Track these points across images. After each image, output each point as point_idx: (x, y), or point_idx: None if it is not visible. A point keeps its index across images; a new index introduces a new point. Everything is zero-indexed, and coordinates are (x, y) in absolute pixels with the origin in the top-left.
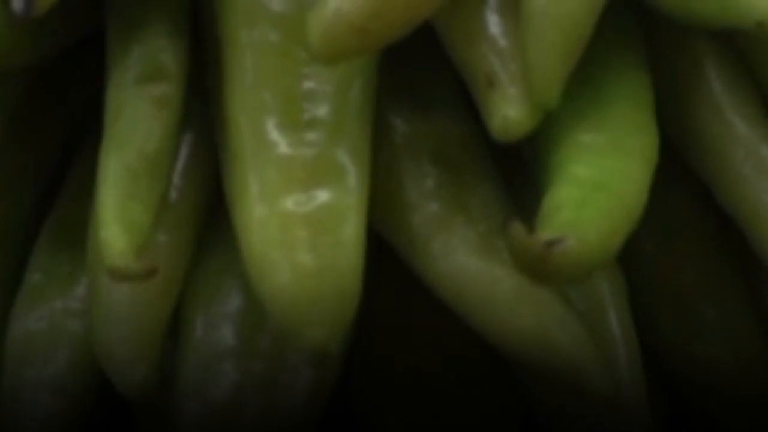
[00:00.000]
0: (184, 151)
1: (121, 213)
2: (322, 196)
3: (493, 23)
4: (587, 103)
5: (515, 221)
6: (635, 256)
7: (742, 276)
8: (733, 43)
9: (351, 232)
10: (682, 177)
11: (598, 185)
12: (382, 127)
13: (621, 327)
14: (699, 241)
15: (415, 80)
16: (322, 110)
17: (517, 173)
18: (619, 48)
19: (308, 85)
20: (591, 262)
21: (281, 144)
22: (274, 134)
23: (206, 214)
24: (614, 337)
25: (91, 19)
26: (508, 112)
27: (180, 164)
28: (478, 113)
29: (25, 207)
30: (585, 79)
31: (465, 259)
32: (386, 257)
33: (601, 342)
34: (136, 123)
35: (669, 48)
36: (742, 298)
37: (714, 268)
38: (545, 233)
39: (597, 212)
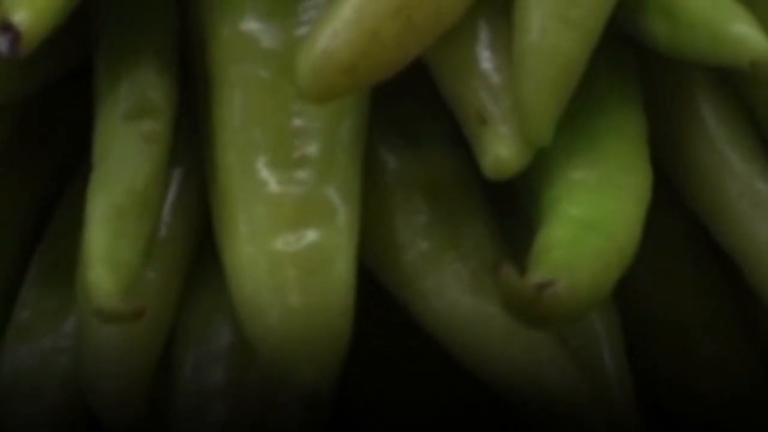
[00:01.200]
0: (173, 187)
1: (108, 252)
2: (312, 235)
3: (485, 59)
4: (580, 140)
5: (505, 264)
6: (631, 290)
7: (739, 309)
8: (727, 76)
9: (341, 272)
10: (678, 210)
11: (590, 225)
12: (374, 163)
13: (615, 364)
14: (695, 275)
15: (407, 114)
16: (312, 148)
17: (509, 207)
18: (612, 82)
19: (298, 122)
20: (583, 305)
21: (270, 182)
22: (264, 172)
23: (196, 250)
24: (608, 374)
25: (80, 51)
26: (500, 150)
27: (169, 199)
28: (470, 147)
29: (14, 241)
30: (578, 114)
31: (457, 298)
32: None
33: (595, 380)
34: (124, 160)
35: (663, 81)
36: (740, 331)
37: (711, 302)
38: (536, 275)
39: (589, 253)
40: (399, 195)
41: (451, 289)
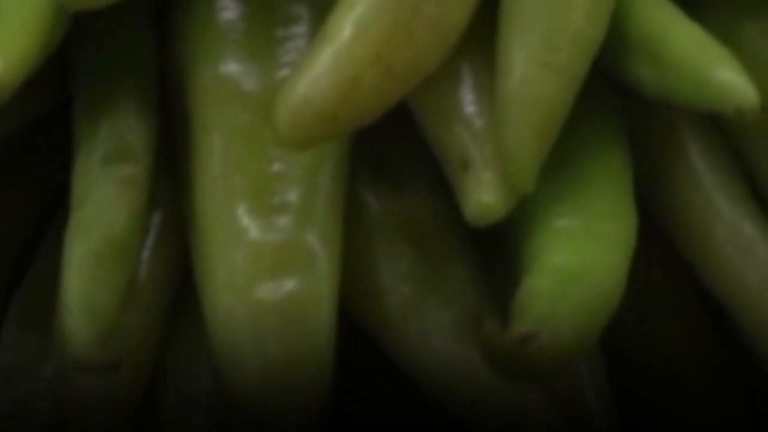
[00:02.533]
0: (153, 230)
1: (85, 301)
2: (292, 283)
3: (468, 103)
4: (564, 186)
5: (487, 317)
6: (617, 332)
7: (728, 351)
8: (714, 117)
9: (321, 321)
10: (665, 251)
11: (573, 275)
12: (355, 205)
13: (601, 412)
14: (683, 315)
15: (389, 156)
16: (292, 194)
17: (493, 250)
18: (597, 126)
19: (278, 167)
20: (567, 357)
21: (250, 229)
22: (243, 219)
23: (176, 294)
24: (594, 422)
25: (58, 92)
26: (483, 196)
27: (149, 243)
28: (453, 190)
29: None
30: (562, 159)
31: (439, 346)
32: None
33: (581, 428)
34: (102, 205)
35: (649, 121)
36: (729, 371)
37: (699, 345)
38: (518, 329)
39: (572, 304)
40: (381, 239)
41: (434, 336)
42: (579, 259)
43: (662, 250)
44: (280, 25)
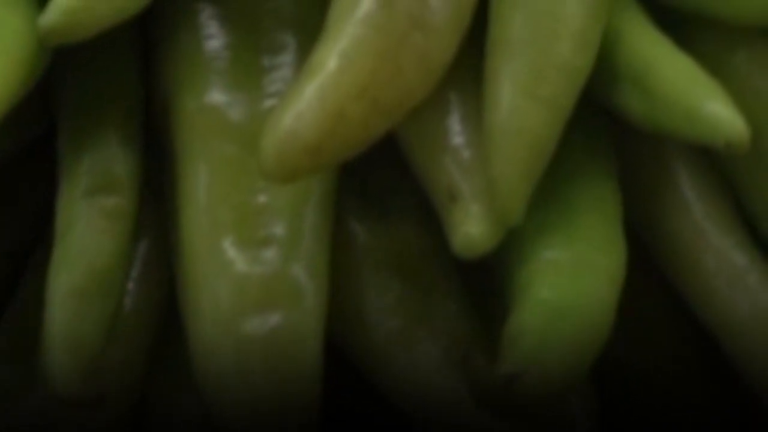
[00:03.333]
0: (138, 261)
1: (69, 335)
2: (278, 318)
3: (455, 134)
4: (552, 217)
5: (474, 355)
6: (607, 362)
7: (720, 377)
8: (704, 147)
9: (308, 356)
10: (656, 281)
11: (561, 311)
12: (342, 236)
13: None
14: (673, 344)
15: (376, 185)
16: (278, 226)
17: (482, 280)
18: (587, 156)
19: (263, 199)
20: (555, 393)
21: (236, 262)
22: (229, 252)
23: (161, 325)
24: None
25: (42, 120)
26: (470, 229)
27: (134, 274)
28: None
29: None
30: (550, 190)
31: (427, 377)
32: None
33: None
34: (85, 238)
35: (639, 150)
36: (722, 400)
37: (692, 374)
38: (505, 367)
39: (560, 340)
40: (368, 270)
41: (422, 368)
42: (567, 293)
43: (651, 279)
44: (266, 54)
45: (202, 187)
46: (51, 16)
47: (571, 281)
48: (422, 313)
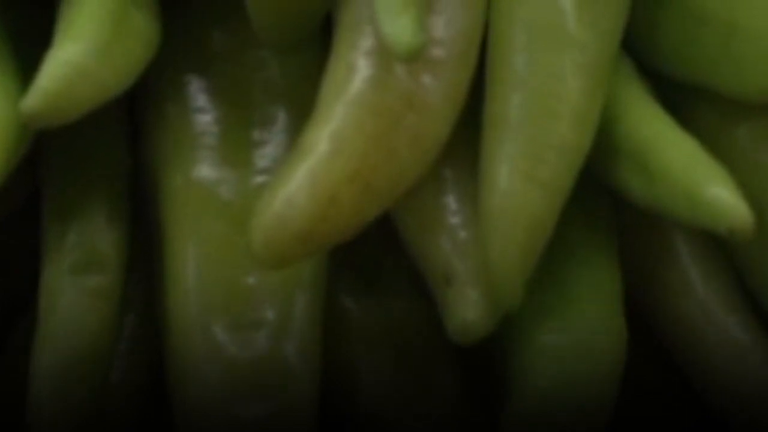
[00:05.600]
0: (125, 336)
1: (54, 414)
2: (270, 403)
3: (451, 213)
4: (551, 299)
5: None
6: None
7: None
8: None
9: None
10: (658, 356)
11: (560, 401)
12: (335, 312)
13: None
14: (675, 421)
15: (370, 260)
16: (268, 309)
17: (479, 357)
18: (586, 234)
19: (253, 281)
20: None
21: (226, 346)
22: (219, 335)
23: (148, 401)
24: None
25: (27, 189)
26: (466, 314)
27: (121, 350)
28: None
29: None
30: (549, 270)
31: None
32: None
33: None
34: (70, 317)
35: (640, 225)
36: None
37: None
38: None
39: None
40: (362, 347)
41: None
42: (565, 381)
43: (654, 354)
44: (256, 127)
45: (191, 267)
46: (32, 99)
47: (569, 368)
48: (417, 390)
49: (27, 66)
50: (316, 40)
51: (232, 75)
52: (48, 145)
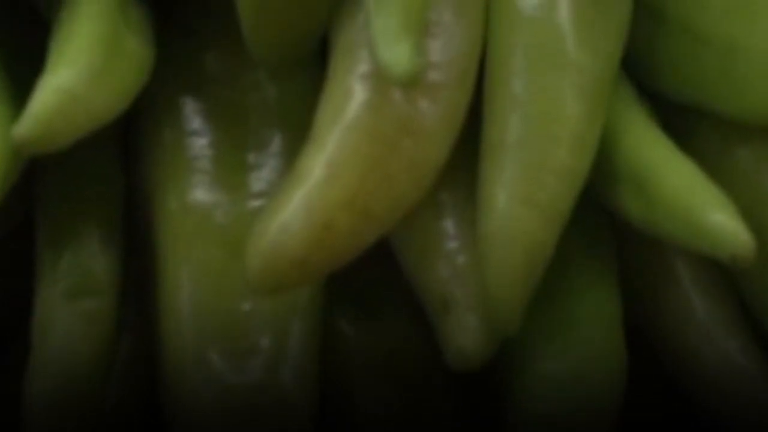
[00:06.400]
0: (120, 360)
1: None
2: (267, 430)
3: (449, 239)
4: (550, 325)
5: None
6: None
7: None
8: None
9: None
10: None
11: (559, 426)
12: (333, 339)
13: None
14: None
15: (368, 285)
16: (264, 335)
17: (478, 384)
18: (585, 258)
19: (249, 307)
20: None
21: (222, 373)
22: (214, 362)
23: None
24: None
25: (19, 214)
26: (465, 342)
27: (115, 373)
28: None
29: None
30: (549, 294)
31: None
32: None
33: None
34: (64, 343)
35: (640, 248)
36: None
37: None
38: None
39: None
40: (360, 375)
41: None
42: (566, 407)
43: (654, 380)
44: (251, 150)
45: (186, 293)
46: (24, 126)
47: (568, 394)
48: (415, 416)
49: (21, 90)
50: (312, 61)
51: (226, 98)
52: (42, 167)
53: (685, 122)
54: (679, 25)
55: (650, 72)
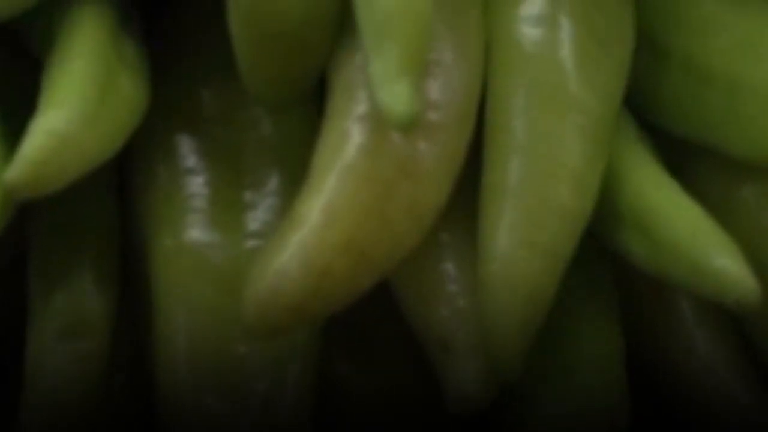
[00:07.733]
0: (114, 397)
1: None
2: None
3: (449, 281)
4: (552, 366)
5: None
6: None
7: None
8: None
9: None
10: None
11: None
12: (330, 381)
13: None
14: None
15: (366, 326)
16: (259, 379)
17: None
18: (587, 300)
19: (244, 349)
20: None
21: (217, 416)
22: (210, 406)
23: None
24: None
25: (12, 250)
26: (464, 385)
27: (110, 411)
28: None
29: None
30: (550, 337)
31: None
32: None
33: None
34: (57, 384)
35: (642, 286)
36: None
37: None
38: None
39: None
40: (358, 416)
41: None
42: None
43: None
44: (247, 188)
45: (181, 334)
46: (16, 170)
47: None
48: None
49: (14, 131)
50: (310, 98)
51: (223, 136)
52: (36, 205)
53: (688, 158)
54: (683, 62)
55: (653, 109)
